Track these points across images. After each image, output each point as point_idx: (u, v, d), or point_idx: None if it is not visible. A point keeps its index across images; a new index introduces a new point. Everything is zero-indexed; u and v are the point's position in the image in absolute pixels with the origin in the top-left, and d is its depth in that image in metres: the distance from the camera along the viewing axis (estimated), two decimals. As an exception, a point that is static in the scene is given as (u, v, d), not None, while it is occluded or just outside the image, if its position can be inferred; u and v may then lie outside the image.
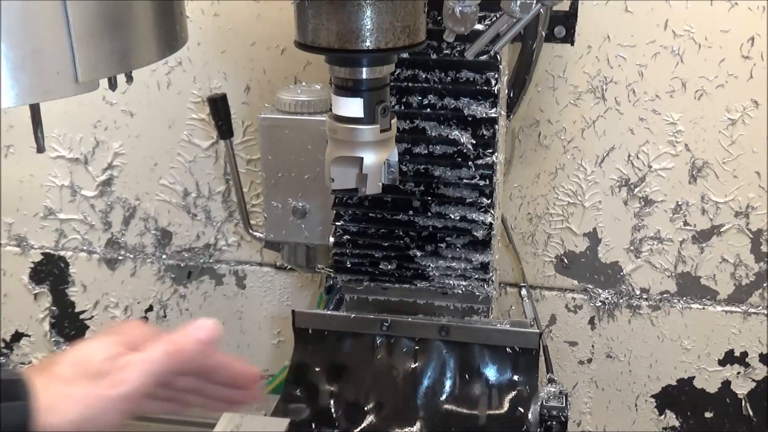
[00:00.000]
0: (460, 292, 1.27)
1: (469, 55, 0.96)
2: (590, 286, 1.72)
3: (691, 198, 1.61)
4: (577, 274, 1.72)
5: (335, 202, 1.26)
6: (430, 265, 1.25)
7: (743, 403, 1.74)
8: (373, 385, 1.25)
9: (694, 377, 1.75)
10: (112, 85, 0.75)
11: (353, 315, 1.28)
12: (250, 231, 1.60)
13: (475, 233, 1.22)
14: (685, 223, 1.63)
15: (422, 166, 1.21)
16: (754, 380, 1.73)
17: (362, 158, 0.95)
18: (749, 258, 1.64)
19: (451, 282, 1.26)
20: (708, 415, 1.77)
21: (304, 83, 1.43)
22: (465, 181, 1.20)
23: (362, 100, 0.92)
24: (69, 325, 1.97)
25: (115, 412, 0.77)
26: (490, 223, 1.21)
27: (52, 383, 0.76)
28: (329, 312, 1.31)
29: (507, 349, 1.24)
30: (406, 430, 1.21)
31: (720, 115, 1.54)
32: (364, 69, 0.91)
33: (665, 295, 1.70)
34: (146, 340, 0.82)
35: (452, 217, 1.22)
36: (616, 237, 1.67)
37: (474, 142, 1.18)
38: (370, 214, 1.25)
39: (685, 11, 1.48)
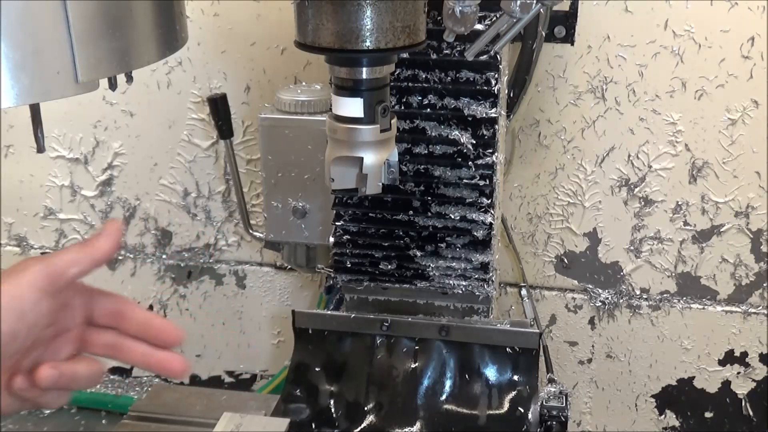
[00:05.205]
0: (460, 292, 1.27)
1: (469, 55, 0.96)
2: (590, 286, 1.72)
3: (691, 198, 1.61)
4: (577, 274, 1.72)
5: (335, 202, 1.26)
6: (430, 265, 1.25)
7: (743, 403, 1.74)
8: (373, 385, 1.25)
9: (694, 377, 1.75)
10: (112, 85, 0.75)
11: (353, 315, 1.28)
12: (250, 231, 1.60)
13: (475, 233, 1.22)
14: (685, 223, 1.63)
15: (422, 166, 1.21)
16: (754, 380, 1.72)
17: (362, 158, 0.95)
18: (749, 258, 1.64)
19: (451, 282, 1.26)
20: (708, 415, 1.77)
21: (304, 83, 1.43)
22: (465, 181, 1.20)
23: (362, 100, 0.92)
24: (69, 325, 1.97)
25: None
26: (490, 223, 1.21)
27: None
28: (329, 312, 1.31)
29: (507, 349, 1.24)
30: (406, 430, 1.20)
31: (720, 115, 1.54)
32: (364, 69, 0.91)
33: (665, 295, 1.70)
34: None
35: (452, 217, 1.22)
36: (616, 237, 1.67)
37: (474, 142, 1.18)
38: (370, 214, 1.25)
39: (685, 11, 1.48)
